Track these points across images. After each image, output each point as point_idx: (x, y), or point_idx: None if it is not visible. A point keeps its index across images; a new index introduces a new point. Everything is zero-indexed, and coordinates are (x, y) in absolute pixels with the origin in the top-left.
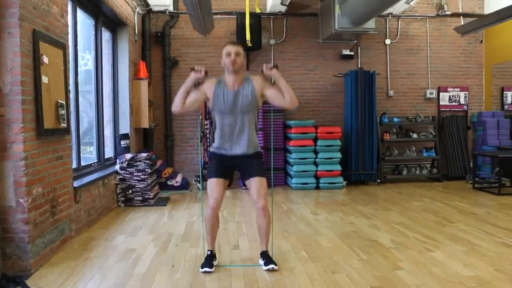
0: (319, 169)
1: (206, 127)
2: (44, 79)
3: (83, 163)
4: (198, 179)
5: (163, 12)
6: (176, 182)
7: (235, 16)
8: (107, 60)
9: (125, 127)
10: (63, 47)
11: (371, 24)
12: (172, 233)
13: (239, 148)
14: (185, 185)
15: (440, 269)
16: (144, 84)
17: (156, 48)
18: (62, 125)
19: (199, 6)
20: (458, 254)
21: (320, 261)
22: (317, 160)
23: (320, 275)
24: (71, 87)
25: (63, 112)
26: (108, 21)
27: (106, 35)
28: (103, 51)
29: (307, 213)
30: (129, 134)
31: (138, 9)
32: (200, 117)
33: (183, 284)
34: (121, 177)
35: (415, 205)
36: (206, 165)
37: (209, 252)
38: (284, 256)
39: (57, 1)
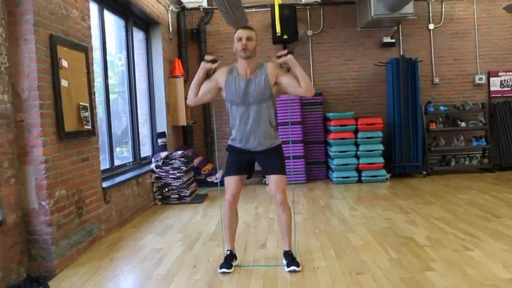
0: (360, 162)
1: None
2: (64, 83)
3: (119, 163)
4: None
5: (197, 8)
6: (216, 178)
7: (270, 9)
8: (142, 60)
9: (162, 126)
10: (85, 50)
11: (409, 8)
12: (202, 232)
13: (254, 142)
14: (223, 182)
15: (475, 269)
16: (180, 82)
17: (192, 45)
18: (86, 127)
19: (227, 1)
20: (499, 253)
21: (346, 261)
22: (358, 152)
23: (344, 276)
24: (102, 89)
25: (87, 114)
26: (140, 21)
27: (139, 34)
28: (138, 50)
29: (344, 208)
30: (166, 132)
31: (171, 7)
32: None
33: (201, 285)
34: (157, 175)
35: (461, 198)
36: None
37: (228, 252)
38: (310, 255)
39: (77, 5)
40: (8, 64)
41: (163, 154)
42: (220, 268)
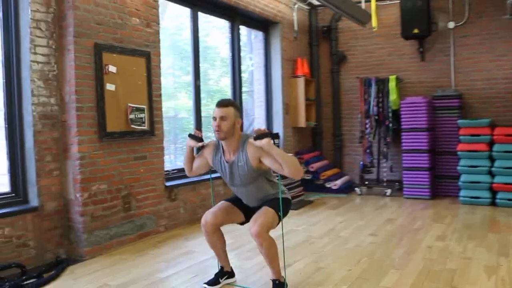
0: (495, 181)
1: (366, 126)
2: (110, 87)
3: None
4: (358, 183)
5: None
6: (334, 185)
7: (399, 1)
8: (261, 60)
9: (279, 126)
10: (146, 55)
11: None
12: (250, 241)
13: (253, 204)
14: (344, 189)
15: None
16: (300, 82)
17: (324, 43)
18: (141, 127)
19: None
20: None
21: None
22: (493, 169)
23: None
24: (192, 92)
25: (142, 115)
26: (254, 21)
27: (259, 34)
28: (259, 51)
29: (432, 236)
30: (283, 134)
31: (297, 5)
32: (360, 116)
33: None
34: None
35: None
36: (366, 168)
37: (219, 268)
38: (316, 287)
39: (139, 13)
40: (57, 71)
41: None
42: (204, 283)
